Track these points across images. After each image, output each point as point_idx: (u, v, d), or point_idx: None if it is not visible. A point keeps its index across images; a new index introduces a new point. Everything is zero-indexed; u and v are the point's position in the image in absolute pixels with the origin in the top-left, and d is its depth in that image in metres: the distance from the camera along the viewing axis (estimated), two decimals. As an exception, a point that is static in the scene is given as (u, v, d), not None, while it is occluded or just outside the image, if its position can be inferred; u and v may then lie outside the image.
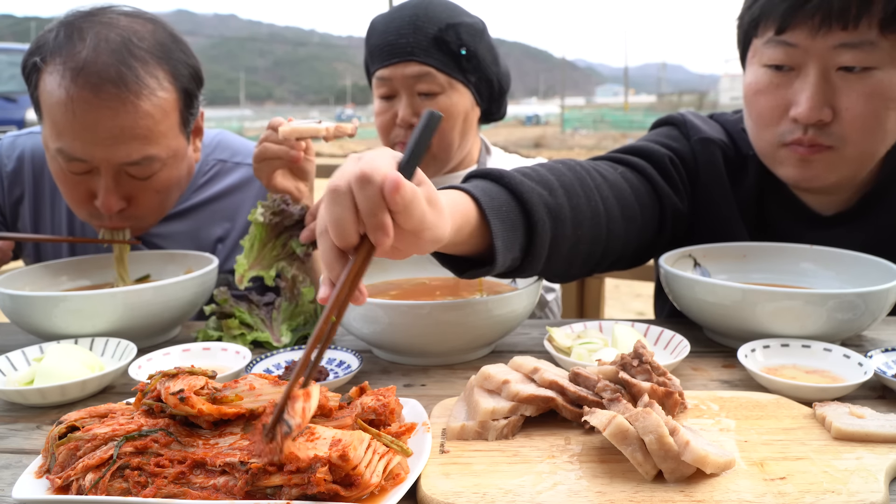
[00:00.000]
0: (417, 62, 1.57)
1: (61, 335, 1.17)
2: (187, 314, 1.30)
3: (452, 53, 1.58)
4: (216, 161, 1.67)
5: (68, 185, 1.38)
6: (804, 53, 1.19)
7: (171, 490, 0.68)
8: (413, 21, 1.58)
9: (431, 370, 1.11)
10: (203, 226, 1.63)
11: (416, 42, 1.57)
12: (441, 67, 1.58)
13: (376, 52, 1.62)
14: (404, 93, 1.60)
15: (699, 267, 1.36)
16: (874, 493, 0.68)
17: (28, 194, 1.62)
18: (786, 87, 1.23)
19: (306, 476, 0.66)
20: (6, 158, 1.62)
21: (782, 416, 0.85)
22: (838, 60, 1.17)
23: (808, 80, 1.19)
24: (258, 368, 1.07)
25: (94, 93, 1.27)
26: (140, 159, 1.34)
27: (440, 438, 0.82)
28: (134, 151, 1.33)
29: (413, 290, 1.32)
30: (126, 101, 1.29)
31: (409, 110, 1.59)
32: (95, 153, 1.31)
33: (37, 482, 0.72)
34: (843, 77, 1.18)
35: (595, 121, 40.96)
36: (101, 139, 1.29)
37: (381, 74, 1.61)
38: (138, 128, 1.31)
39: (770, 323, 1.07)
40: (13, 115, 10.62)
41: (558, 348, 1.09)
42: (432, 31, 1.57)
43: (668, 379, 0.86)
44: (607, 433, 0.73)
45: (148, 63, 1.33)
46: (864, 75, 1.17)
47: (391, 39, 1.58)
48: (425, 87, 1.59)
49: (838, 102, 1.19)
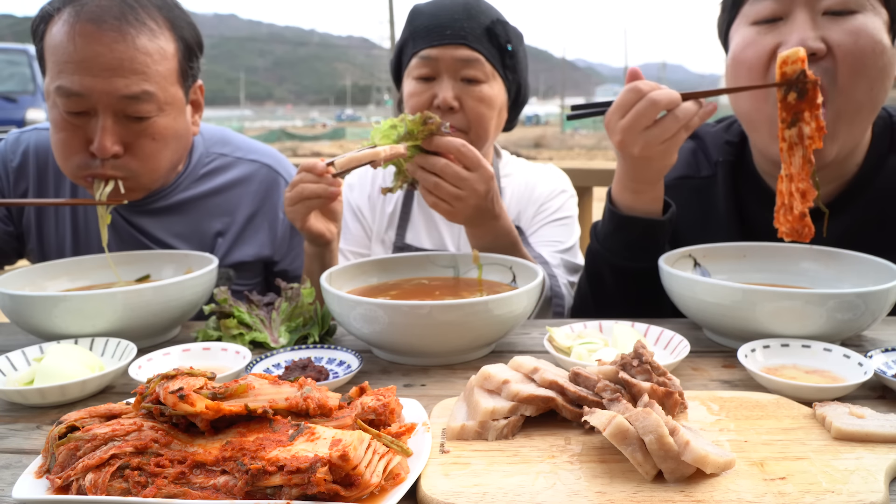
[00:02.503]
0: (468, 47, 1.58)
1: (61, 335, 1.17)
2: (187, 314, 1.30)
3: (500, 47, 1.62)
4: (217, 154, 1.69)
5: (66, 130, 1.40)
6: (790, 2, 1.23)
7: (171, 490, 0.68)
8: (467, 8, 1.61)
9: (431, 370, 1.11)
10: (203, 219, 1.64)
11: (470, 28, 1.59)
12: (488, 57, 1.60)
13: (423, 33, 1.61)
14: (447, 75, 1.60)
15: (699, 267, 1.36)
16: (874, 493, 0.68)
17: (32, 188, 1.63)
18: (774, 34, 1.26)
19: (306, 476, 0.66)
20: (11, 154, 1.64)
21: (782, 416, 0.85)
22: (824, 4, 1.22)
23: (796, 22, 1.23)
24: (258, 368, 1.07)
25: (95, 25, 1.34)
26: (138, 93, 1.37)
27: (440, 438, 0.82)
28: (132, 84, 1.37)
29: (413, 290, 1.32)
30: (126, 35, 1.36)
31: (451, 93, 1.59)
32: (94, 85, 1.35)
33: (37, 482, 0.72)
34: (830, 18, 1.23)
35: (595, 121, 40.90)
36: (100, 70, 1.34)
37: (428, 54, 1.59)
38: (136, 61, 1.37)
39: (770, 323, 1.07)
40: (13, 115, 10.62)
41: (558, 348, 1.09)
42: (485, 22, 1.61)
43: (668, 379, 0.86)
44: (607, 433, 0.73)
45: (149, 9, 1.42)
46: (849, 17, 1.22)
47: (444, 21, 1.59)
48: (472, 72, 1.60)
49: (829, 38, 1.22)
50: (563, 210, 1.77)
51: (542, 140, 25.42)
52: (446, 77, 1.60)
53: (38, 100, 11.09)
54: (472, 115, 1.61)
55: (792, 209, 1.22)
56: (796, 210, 1.21)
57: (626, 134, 1.17)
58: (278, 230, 1.72)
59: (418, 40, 1.62)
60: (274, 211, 1.72)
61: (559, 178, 1.85)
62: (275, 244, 1.73)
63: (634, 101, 1.15)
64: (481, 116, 1.61)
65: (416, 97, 1.62)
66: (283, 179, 1.74)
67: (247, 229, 1.69)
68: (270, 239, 1.72)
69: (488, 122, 1.63)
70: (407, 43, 1.67)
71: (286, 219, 1.72)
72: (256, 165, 1.72)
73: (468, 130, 1.62)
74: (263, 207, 1.71)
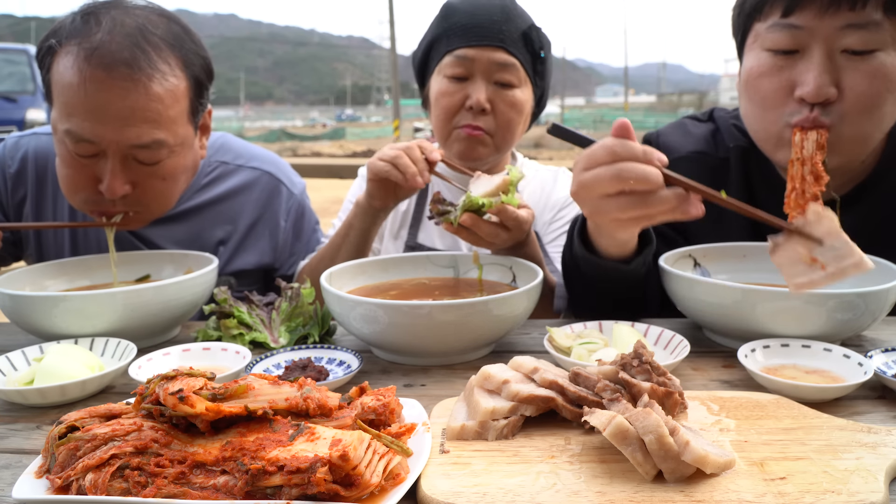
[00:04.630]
0: (506, 51, 1.57)
1: (61, 335, 1.17)
2: (187, 314, 1.30)
3: (534, 53, 1.61)
4: (218, 163, 1.68)
5: (73, 168, 1.38)
6: (809, 35, 1.20)
7: (171, 490, 0.68)
8: (505, 11, 1.59)
9: (431, 370, 1.11)
10: (205, 228, 1.64)
11: (508, 31, 1.57)
12: (523, 62, 1.60)
13: (459, 32, 1.59)
14: (482, 77, 1.59)
15: (699, 267, 1.36)
16: (874, 493, 0.68)
17: (31, 195, 1.62)
18: (790, 68, 1.24)
19: (306, 476, 0.66)
20: (10, 160, 1.62)
21: (782, 416, 0.85)
22: (844, 42, 1.18)
23: (813, 60, 1.20)
24: (258, 368, 1.07)
25: (106, 72, 1.29)
26: (149, 143, 1.35)
27: (440, 438, 0.82)
28: (144, 134, 1.34)
29: (413, 290, 1.32)
30: (138, 83, 1.31)
31: (485, 95, 1.58)
32: (105, 134, 1.31)
33: (37, 482, 0.72)
34: (848, 58, 1.20)
35: (595, 121, 40.96)
36: (112, 119, 1.30)
37: (464, 54, 1.57)
38: (149, 110, 1.33)
39: (770, 323, 1.07)
40: (13, 115, 10.61)
41: (558, 348, 1.09)
42: (522, 26, 1.59)
43: (668, 379, 0.86)
44: (607, 433, 0.73)
45: (161, 49, 1.35)
46: (867, 57, 1.19)
47: (482, 22, 1.57)
48: (507, 76, 1.58)
49: (843, 81, 1.20)
50: None
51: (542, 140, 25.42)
52: (480, 78, 1.58)
53: (38, 100, 11.09)
54: (501, 120, 1.60)
55: (804, 193, 1.21)
56: (808, 193, 1.20)
57: (582, 189, 1.04)
58: (279, 238, 1.72)
59: (453, 38, 1.60)
60: (275, 218, 1.72)
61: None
62: (276, 251, 1.73)
63: (603, 161, 1.01)
64: (511, 121, 1.61)
65: (447, 97, 1.61)
66: (285, 186, 1.74)
67: (248, 237, 1.69)
68: (272, 246, 1.72)
69: (516, 126, 1.63)
70: (439, 40, 1.64)
71: (287, 226, 1.73)
72: (258, 173, 1.71)
73: (495, 134, 1.62)
74: (265, 215, 1.71)
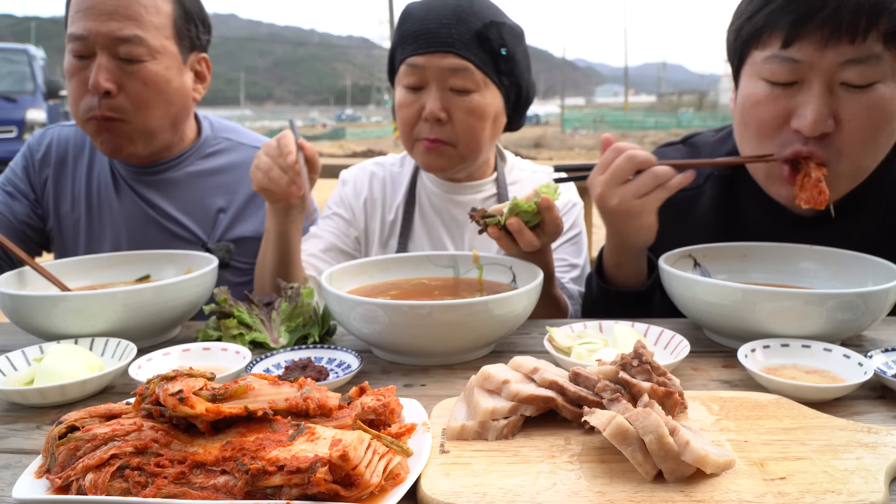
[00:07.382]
0: (456, 55, 1.49)
1: (61, 335, 1.17)
2: (187, 314, 1.30)
3: (492, 52, 1.53)
4: (223, 139, 1.85)
5: (73, 75, 1.58)
6: (809, 69, 1.19)
7: (171, 490, 0.68)
8: (457, 12, 1.50)
9: (431, 370, 1.11)
10: (206, 196, 1.77)
11: (458, 34, 1.49)
12: (479, 65, 1.51)
13: (411, 39, 1.53)
14: (435, 85, 1.52)
15: (699, 267, 1.36)
16: (874, 493, 0.68)
17: (52, 171, 1.82)
18: (787, 98, 1.23)
19: (306, 476, 0.66)
20: (37, 146, 1.85)
21: (782, 416, 0.85)
22: (843, 76, 1.18)
23: (812, 93, 1.20)
24: (258, 369, 1.07)
25: None
26: (129, 36, 1.55)
27: (440, 438, 0.82)
28: (125, 28, 1.55)
29: (413, 290, 1.32)
30: None
31: (439, 104, 1.51)
32: (93, 27, 1.54)
33: (37, 482, 0.72)
34: (847, 90, 1.19)
35: (595, 121, 41.00)
36: (99, 15, 1.54)
37: (414, 62, 1.51)
38: (130, 9, 1.56)
39: (770, 323, 1.07)
40: (13, 115, 10.62)
41: (558, 348, 1.09)
42: (475, 26, 1.51)
43: (668, 379, 0.86)
44: (607, 433, 0.73)
45: None
46: (867, 89, 1.18)
47: (431, 27, 1.51)
48: (460, 82, 1.51)
49: (841, 113, 1.20)
50: (574, 227, 1.71)
51: (542, 140, 25.43)
52: (434, 87, 1.52)
53: (38, 100, 11.08)
54: (461, 128, 1.53)
55: (809, 175, 1.24)
56: (813, 175, 1.23)
57: (605, 187, 1.24)
58: None
59: (406, 46, 1.55)
60: None
61: (568, 188, 1.77)
62: None
63: (613, 158, 1.24)
64: (471, 129, 1.54)
65: (405, 108, 1.56)
66: None
67: (248, 207, 1.79)
68: None
69: (479, 133, 1.56)
70: (396, 48, 1.60)
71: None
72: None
73: (457, 143, 1.55)
74: None
